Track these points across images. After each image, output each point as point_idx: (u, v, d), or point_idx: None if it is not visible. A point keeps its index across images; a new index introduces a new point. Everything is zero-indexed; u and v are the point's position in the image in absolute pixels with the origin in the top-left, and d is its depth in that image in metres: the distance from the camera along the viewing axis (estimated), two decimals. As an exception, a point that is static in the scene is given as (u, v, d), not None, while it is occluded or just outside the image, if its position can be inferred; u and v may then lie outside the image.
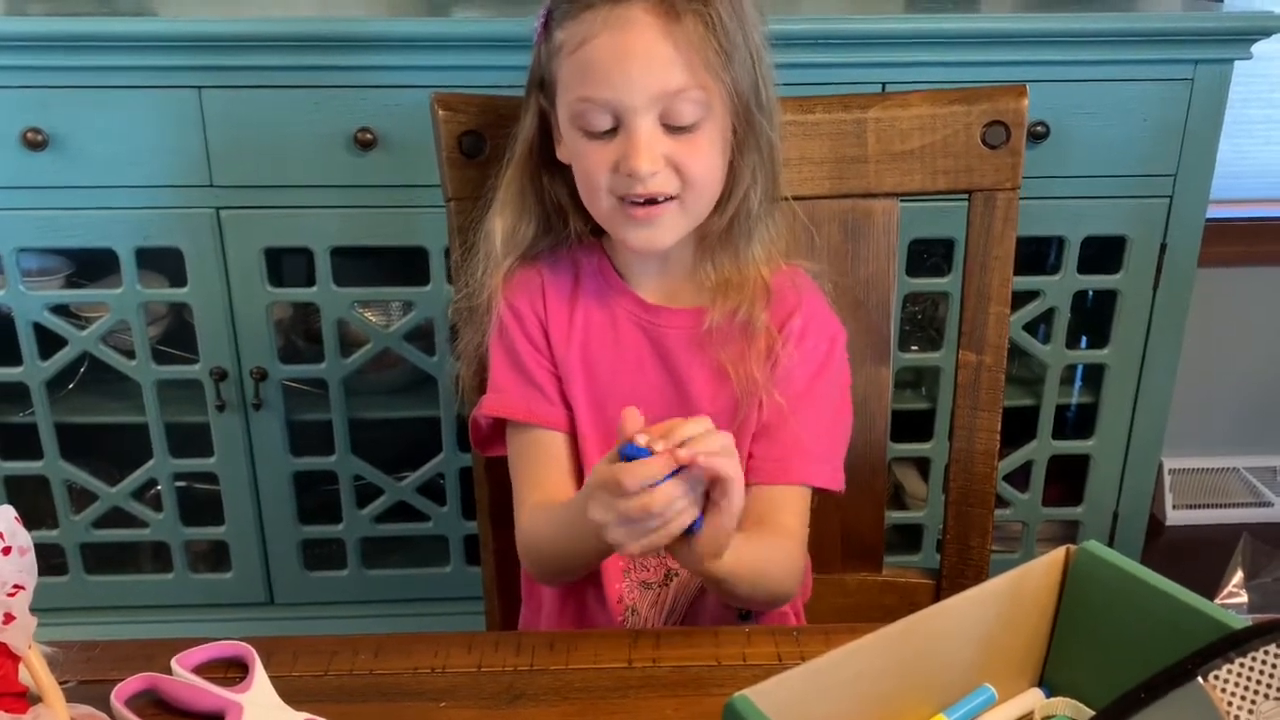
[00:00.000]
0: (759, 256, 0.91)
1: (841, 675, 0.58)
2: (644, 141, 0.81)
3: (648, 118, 0.82)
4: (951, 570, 1.10)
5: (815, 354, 0.93)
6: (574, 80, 0.83)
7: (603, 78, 0.81)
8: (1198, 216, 1.63)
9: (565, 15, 0.83)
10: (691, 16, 0.80)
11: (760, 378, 0.90)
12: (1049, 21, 1.55)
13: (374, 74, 1.49)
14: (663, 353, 0.93)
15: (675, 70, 0.81)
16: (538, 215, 0.94)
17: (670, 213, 0.85)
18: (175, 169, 1.52)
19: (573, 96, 0.84)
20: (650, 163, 0.82)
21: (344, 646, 0.74)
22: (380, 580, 1.78)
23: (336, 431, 1.68)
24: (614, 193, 0.85)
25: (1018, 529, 1.85)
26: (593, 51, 0.81)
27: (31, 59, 1.46)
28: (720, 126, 0.84)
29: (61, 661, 0.68)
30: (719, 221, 0.89)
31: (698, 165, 0.84)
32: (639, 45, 0.80)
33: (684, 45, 0.80)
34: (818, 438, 0.92)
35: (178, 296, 1.60)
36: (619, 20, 0.80)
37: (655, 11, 0.80)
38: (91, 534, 1.73)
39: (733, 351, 0.90)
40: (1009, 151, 1.03)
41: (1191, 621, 0.60)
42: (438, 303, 1.61)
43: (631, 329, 0.93)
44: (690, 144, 0.83)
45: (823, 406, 0.93)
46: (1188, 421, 2.17)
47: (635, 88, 0.81)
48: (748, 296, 0.90)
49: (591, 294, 0.94)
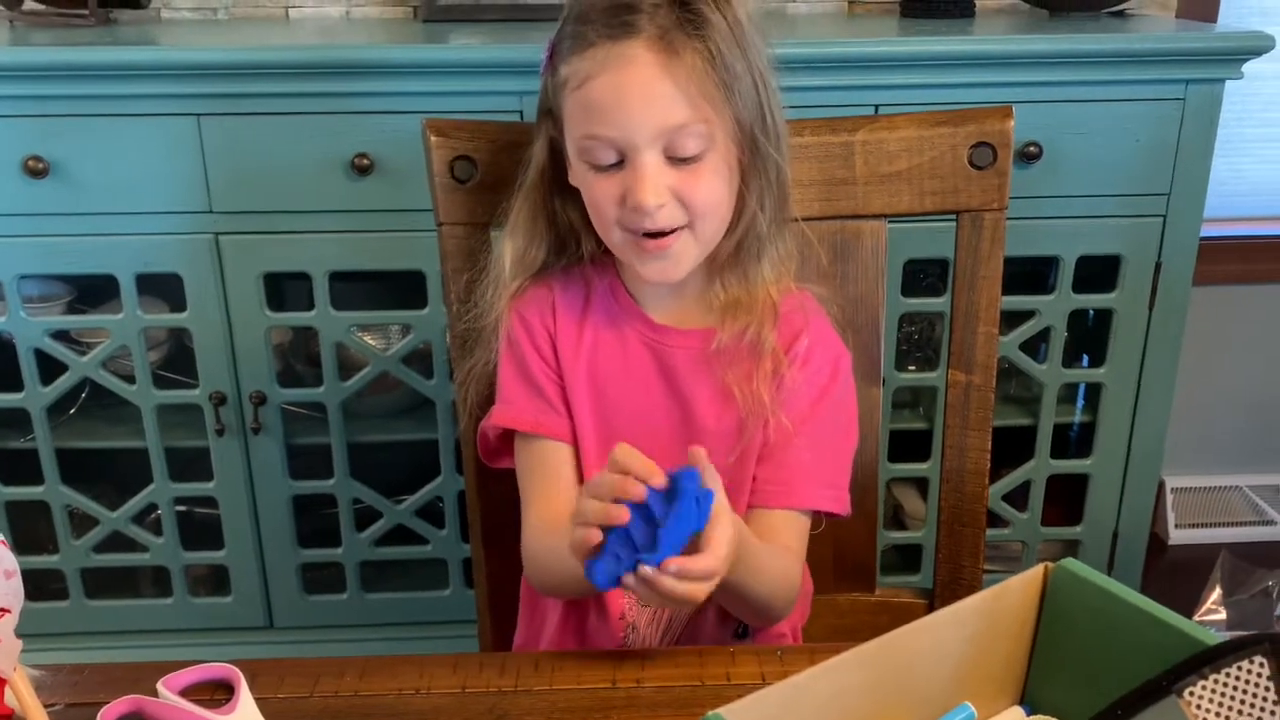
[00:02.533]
0: (768, 277, 0.91)
1: (819, 693, 0.58)
2: (649, 177, 0.82)
3: (651, 153, 0.82)
4: (943, 590, 1.10)
5: (819, 376, 0.93)
6: (578, 117, 0.84)
7: (605, 116, 0.82)
8: (1192, 235, 1.64)
9: (569, 51, 0.84)
10: (691, 51, 0.81)
11: (767, 398, 0.90)
12: (1041, 43, 1.56)
13: (371, 100, 1.51)
14: (669, 373, 0.93)
15: (676, 106, 0.81)
16: (549, 238, 0.95)
17: (681, 241, 0.86)
18: (174, 195, 1.54)
19: (578, 133, 0.85)
20: (655, 196, 0.82)
21: (329, 668, 0.74)
22: (379, 604, 1.78)
23: (335, 455, 1.69)
24: (623, 225, 0.86)
25: (1017, 549, 1.85)
26: (594, 90, 0.82)
27: (33, 88, 1.48)
28: (724, 155, 0.85)
29: (49, 685, 0.69)
30: (728, 245, 0.90)
31: (702, 196, 0.85)
32: (639, 83, 0.81)
33: (684, 80, 0.81)
34: (822, 461, 0.93)
35: (177, 322, 1.61)
36: (619, 59, 0.81)
37: (654, 48, 0.81)
38: (92, 559, 1.74)
39: (739, 372, 0.91)
40: (995, 172, 1.03)
41: (1169, 638, 0.60)
42: (436, 326, 1.62)
43: (640, 349, 0.94)
44: (694, 175, 0.84)
45: (827, 429, 0.93)
46: (1190, 440, 2.17)
47: (637, 126, 0.81)
48: (756, 317, 0.91)
49: (601, 313, 0.95)
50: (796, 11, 1.94)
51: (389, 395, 1.75)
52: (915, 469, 1.76)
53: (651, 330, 0.94)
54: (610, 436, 0.93)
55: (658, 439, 0.93)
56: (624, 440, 0.93)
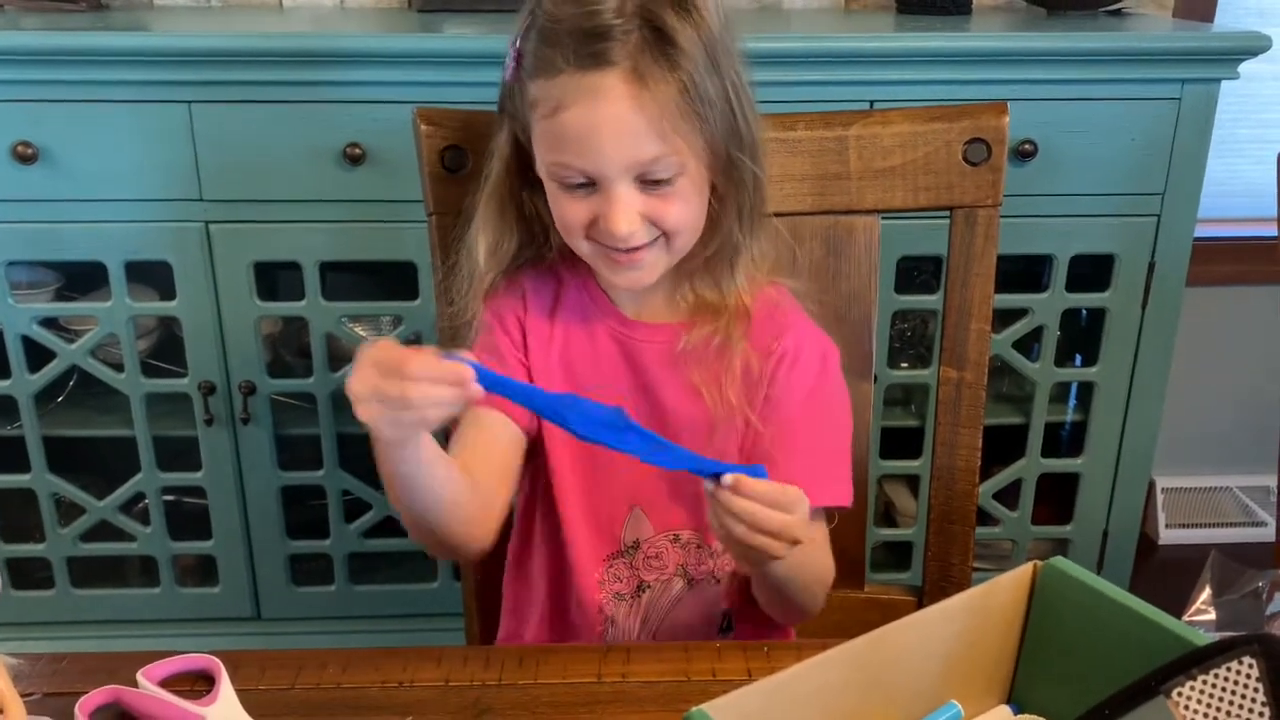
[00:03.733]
0: (740, 283, 0.91)
1: (804, 689, 0.58)
2: (621, 206, 0.81)
3: (623, 183, 0.81)
4: (933, 588, 1.10)
5: (808, 374, 0.92)
6: (548, 144, 0.83)
7: (576, 149, 0.81)
8: (1186, 235, 1.64)
9: (536, 69, 0.82)
10: (663, 84, 0.79)
11: (736, 401, 0.90)
12: (1037, 40, 1.56)
13: (363, 89, 1.50)
14: (638, 368, 0.93)
15: (648, 140, 0.80)
16: (519, 230, 0.93)
17: (653, 253, 0.86)
18: (165, 183, 1.53)
19: (549, 159, 0.84)
20: (628, 224, 0.82)
21: (311, 660, 0.74)
22: (367, 595, 1.77)
23: (325, 446, 1.68)
24: (593, 240, 0.85)
25: (1007, 547, 1.85)
26: (565, 122, 0.80)
27: (23, 73, 1.47)
28: (696, 178, 0.84)
29: (27, 674, 0.68)
30: (700, 253, 0.89)
31: (674, 218, 0.84)
32: (610, 118, 0.79)
33: (655, 114, 0.79)
34: (824, 456, 0.92)
35: (167, 310, 1.60)
36: (590, 91, 0.79)
37: (626, 80, 0.79)
38: (79, 547, 1.73)
39: (707, 373, 0.90)
40: (990, 169, 1.03)
41: (1158, 638, 0.60)
42: (426, 317, 1.61)
43: (609, 344, 0.93)
44: (666, 200, 0.83)
45: (821, 424, 0.93)
46: (1181, 441, 2.17)
47: (608, 160, 0.80)
48: (725, 321, 0.90)
49: (573, 308, 0.94)
50: (792, 6, 1.94)
51: (379, 387, 1.73)
52: (906, 466, 1.76)
53: (622, 325, 0.93)
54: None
55: None
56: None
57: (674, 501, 0.94)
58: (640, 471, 0.93)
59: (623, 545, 0.95)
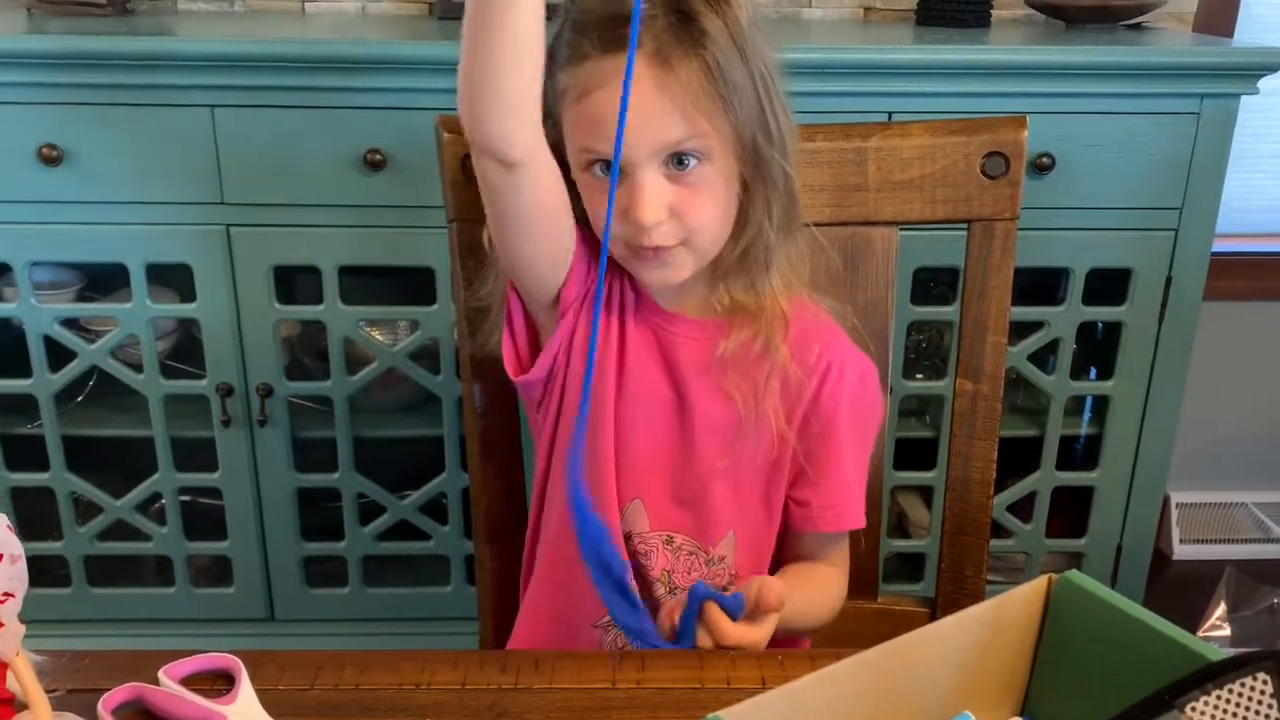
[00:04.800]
0: (777, 286, 0.90)
1: (819, 699, 0.58)
2: (648, 194, 0.82)
3: (650, 168, 0.82)
4: (946, 599, 1.10)
5: (850, 391, 0.93)
6: (577, 130, 0.84)
7: (602, 132, 0.81)
8: (1203, 250, 1.63)
9: (566, 59, 0.83)
10: (686, 65, 0.80)
11: (774, 413, 0.91)
12: (1056, 54, 1.56)
13: (385, 96, 1.51)
14: (671, 363, 0.93)
15: (673, 122, 0.81)
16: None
17: (680, 254, 0.86)
18: (187, 186, 1.54)
19: (577, 145, 0.85)
20: (654, 213, 0.82)
21: (330, 661, 0.74)
22: (381, 598, 1.78)
23: (340, 449, 1.69)
24: (622, 237, 0.86)
25: (1021, 560, 1.84)
26: (592, 106, 0.81)
27: (49, 76, 1.49)
28: (724, 168, 0.84)
29: (51, 670, 0.69)
30: (731, 252, 0.89)
31: (701, 214, 0.84)
32: (635, 99, 0.79)
33: (680, 96, 0.80)
34: (860, 477, 0.94)
35: (186, 312, 1.62)
36: (614, 72, 0.79)
37: (650, 63, 0.80)
38: (95, 546, 1.74)
39: (744, 380, 0.90)
40: (1008, 182, 1.03)
41: (1172, 653, 0.60)
42: (444, 322, 1.62)
43: (646, 334, 0.94)
44: (693, 191, 0.83)
45: (864, 447, 0.95)
46: (1195, 456, 2.16)
47: (634, 143, 0.81)
48: (764, 326, 0.90)
49: (614, 292, 0.94)
50: (811, 17, 1.94)
51: (395, 391, 1.75)
52: (920, 477, 1.76)
53: (659, 317, 0.93)
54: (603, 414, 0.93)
55: (650, 424, 0.93)
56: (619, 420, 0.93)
57: (675, 502, 0.95)
58: (648, 466, 0.94)
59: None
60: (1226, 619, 0.67)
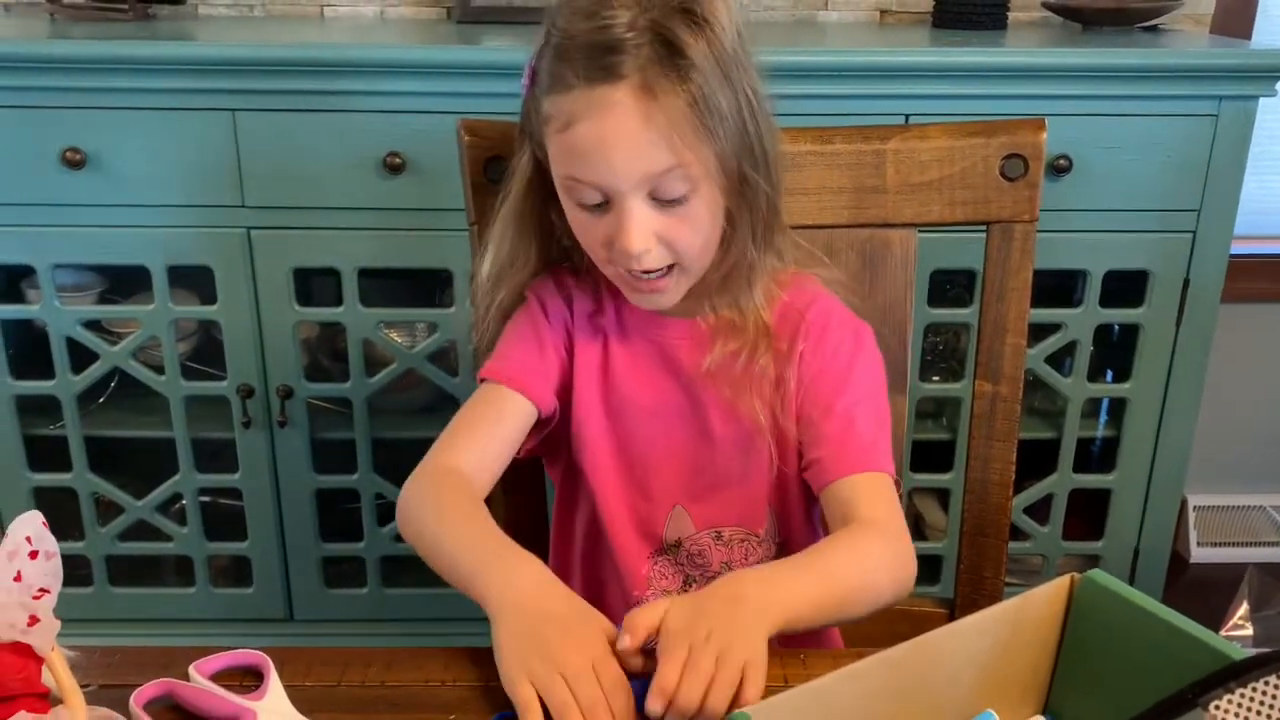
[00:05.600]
0: (759, 302, 0.91)
1: (842, 697, 0.59)
2: (634, 224, 0.82)
3: (635, 199, 0.82)
4: (964, 601, 1.10)
5: (843, 347, 0.93)
6: (561, 159, 0.84)
7: (588, 163, 0.81)
8: (1221, 252, 1.63)
9: (549, 86, 0.82)
10: (672, 97, 0.79)
11: (765, 418, 0.91)
12: (1073, 56, 1.56)
13: (404, 99, 1.52)
14: (674, 368, 0.94)
15: (658, 153, 0.80)
16: (539, 248, 0.94)
17: (670, 278, 0.87)
18: (208, 189, 1.56)
19: (562, 173, 0.84)
20: (642, 242, 0.82)
21: (356, 658, 0.75)
22: (399, 599, 1.79)
23: (359, 450, 1.70)
24: (613, 265, 0.86)
25: (1038, 562, 1.84)
26: (576, 137, 0.81)
27: (71, 80, 1.50)
28: (709, 194, 0.84)
29: (83, 666, 0.70)
30: (715, 273, 0.90)
31: (687, 240, 0.84)
32: (620, 131, 0.79)
33: (664, 126, 0.79)
34: (868, 424, 0.91)
35: (207, 314, 1.63)
36: (599, 105, 0.79)
37: (634, 94, 0.79)
38: (116, 546, 1.75)
39: (739, 384, 0.91)
40: (1027, 184, 1.03)
41: (1195, 651, 0.60)
42: (462, 325, 1.63)
43: (644, 343, 0.95)
44: (680, 218, 0.83)
45: (863, 392, 0.92)
46: (1213, 458, 2.15)
47: (620, 175, 0.80)
48: (749, 341, 0.91)
49: (611, 306, 0.95)
50: (827, 20, 1.95)
51: (413, 392, 1.76)
52: (937, 479, 1.76)
53: (654, 324, 0.94)
54: (622, 433, 0.95)
55: (669, 435, 0.94)
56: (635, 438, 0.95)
57: (716, 499, 0.96)
58: (678, 468, 0.95)
59: (664, 544, 0.97)
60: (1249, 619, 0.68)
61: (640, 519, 0.96)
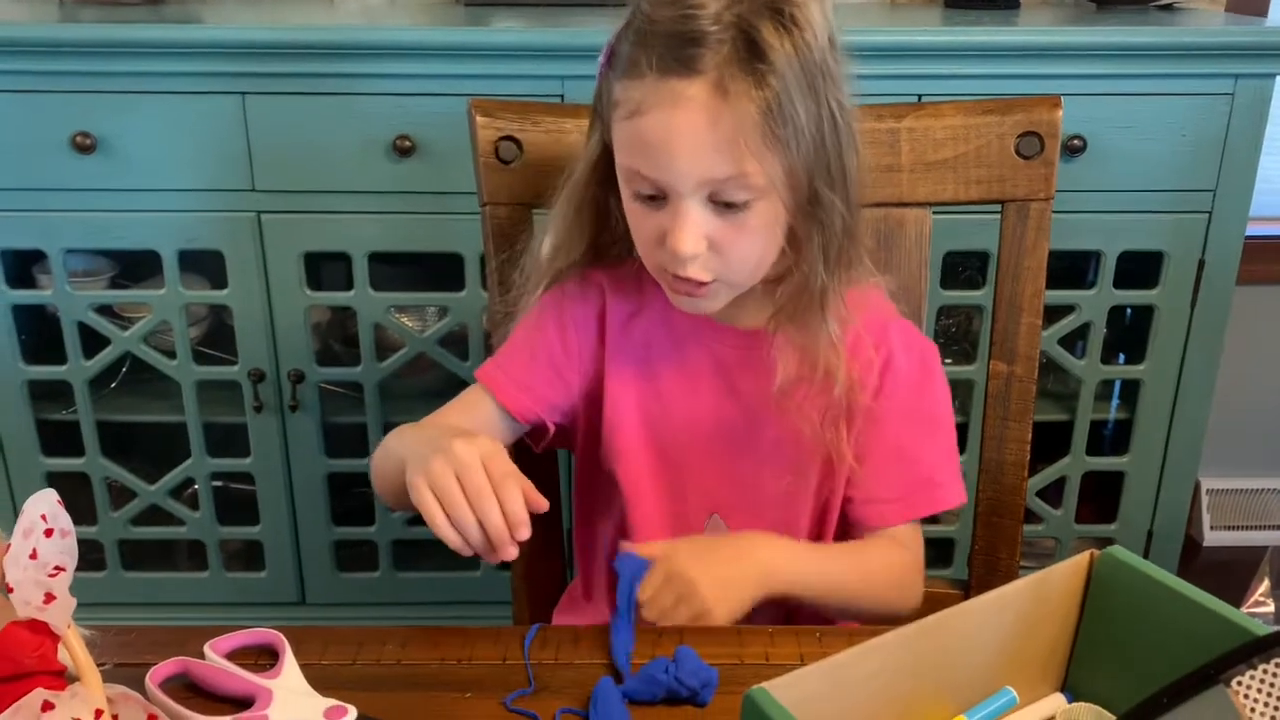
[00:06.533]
0: (834, 330, 0.86)
1: (861, 672, 0.58)
2: (689, 225, 0.79)
3: (693, 200, 0.79)
4: (979, 582, 1.10)
5: (911, 378, 0.91)
6: (625, 147, 0.81)
7: (650, 157, 0.78)
8: (1237, 233, 1.62)
9: (623, 71, 0.79)
10: (746, 100, 0.75)
11: (830, 435, 0.89)
12: (1087, 35, 1.54)
13: (413, 82, 1.52)
14: (726, 374, 0.92)
15: (722, 158, 0.76)
16: (591, 234, 0.92)
17: (714, 288, 0.84)
18: (218, 173, 1.55)
19: (624, 161, 0.82)
20: (693, 245, 0.79)
21: (371, 637, 0.75)
22: (410, 582, 1.79)
23: (371, 434, 1.70)
24: (658, 263, 0.83)
25: (1050, 545, 1.84)
26: (642, 127, 0.78)
27: (81, 65, 1.50)
28: (772, 207, 0.80)
29: (99, 644, 0.70)
30: (785, 291, 0.86)
31: (741, 250, 0.81)
32: (685, 131, 0.76)
33: (731, 131, 0.75)
34: (939, 462, 0.92)
35: (218, 299, 1.63)
36: (669, 97, 0.76)
37: (707, 91, 0.75)
38: (129, 531, 1.76)
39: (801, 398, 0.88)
40: (1042, 162, 1.03)
41: (1216, 628, 0.60)
42: (473, 308, 1.63)
43: (696, 348, 0.93)
44: (737, 225, 0.80)
45: (936, 426, 0.92)
46: (1226, 442, 2.14)
47: (680, 174, 0.77)
48: (820, 368, 0.87)
49: (657, 308, 0.92)
50: (840, 0, 1.93)
51: (424, 376, 1.76)
52: (949, 462, 1.75)
53: (709, 329, 0.92)
54: (661, 437, 0.93)
55: (708, 437, 0.93)
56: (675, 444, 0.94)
57: (753, 508, 0.94)
58: (718, 479, 0.94)
59: None
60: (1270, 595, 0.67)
61: (674, 525, 0.95)
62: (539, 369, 0.93)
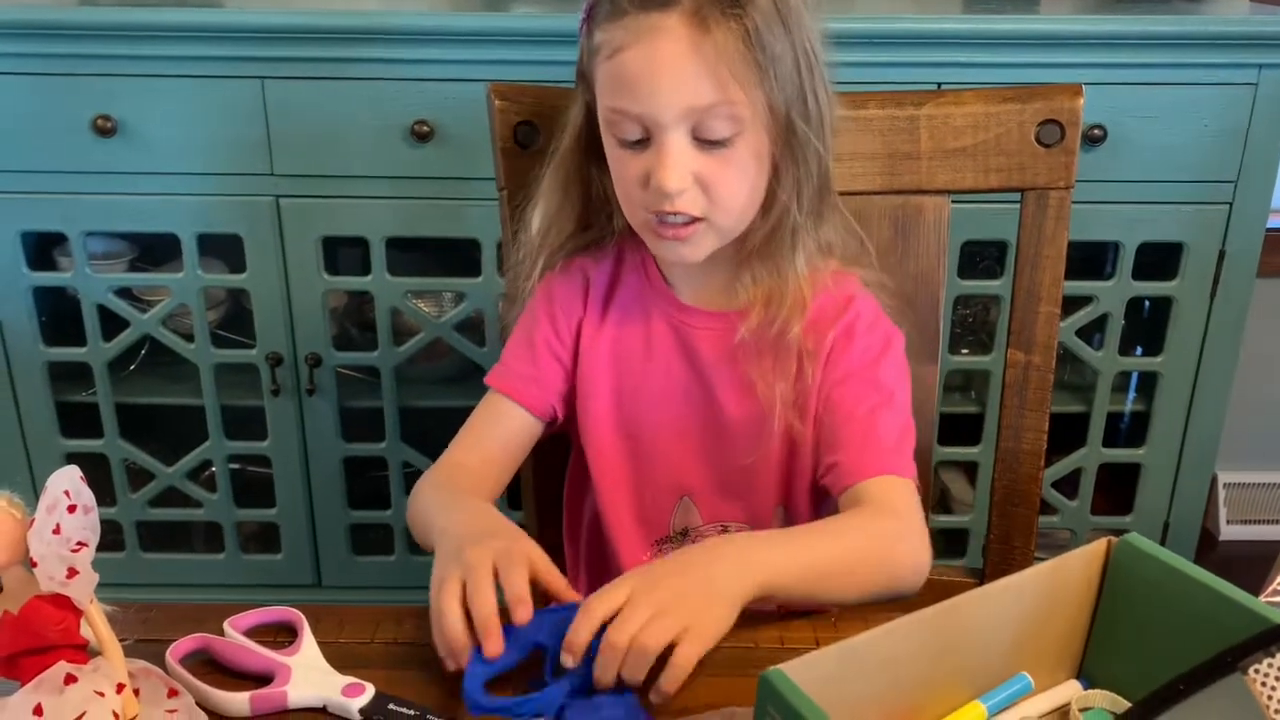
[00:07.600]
0: (801, 271, 0.87)
1: (876, 655, 0.58)
2: (672, 158, 0.80)
3: (677, 133, 0.79)
4: (994, 571, 1.10)
5: (871, 350, 0.90)
6: (607, 89, 0.82)
7: (632, 91, 0.79)
8: (1258, 225, 1.61)
9: (603, 16, 0.81)
10: (724, 29, 0.77)
11: (780, 395, 0.88)
12: (1108, 23, 1.53)
13: (432, 67, 1.52)
14: (693, 356, 0.92)
15: (704, 86, 0.78)
16: (580, 205, 0.93)
17: (699, 232, 0.84)
18: (237, 157, 1.56)
19: (606, 105, 0.83)
20: (678, 180, 0.80)
21: (389, 616, 0.76)
22: (426, 566, 1.76)
23: (387, 419, 1.71)
24: (645, 208, 0.84)
25: (1065, 536, 1.83)
26: (624, 63, 0.79)
27: (103, 48, 1.50)
28: (756, 140, 0.81)
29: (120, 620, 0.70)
30: (759, 232, 0.87)
31: (727, 186, 0.82)
32: (667, 59, 0.78)
33: (714, 59, 0.77)
34: (890, 430, 0.89)
35: (237, 282, 1.64)
36: (649, 31, 0.78)
37: (686, 23, 0.77)
38: (147, 512, 1.77)
39: (763, 366, 0.89)
40: (1063, 150, 1.02)
41: (1233, 615, 0.59)
42: (489, 294, 1.63)
43: (664, 329, 0.93)
44: (722, 161, 0.81)
45: (887, 398, 0.90)
46: (1244, 435, 2.13)
47: (663, 103, 0.78)
48: (784, 311, 0.87)
49: (629, 290, 0.94)
50: (859, -11, 1.92)
51: (441, 361, 1.76)
52: (964, 453, 1.75)
53: (678, 311, 0.92)
54: (631, 418, 0.94)
55: (677, 421, 0.93)
56: (644, 425, 0.94)
57: (723, 493, 0.94)
58: (688, 463, 0.94)
59: (672, 531, 0.96)
60: (1289, 584, 0.66)
61: (643, 507, 0.95)
62: (540, 358, 0.94)
